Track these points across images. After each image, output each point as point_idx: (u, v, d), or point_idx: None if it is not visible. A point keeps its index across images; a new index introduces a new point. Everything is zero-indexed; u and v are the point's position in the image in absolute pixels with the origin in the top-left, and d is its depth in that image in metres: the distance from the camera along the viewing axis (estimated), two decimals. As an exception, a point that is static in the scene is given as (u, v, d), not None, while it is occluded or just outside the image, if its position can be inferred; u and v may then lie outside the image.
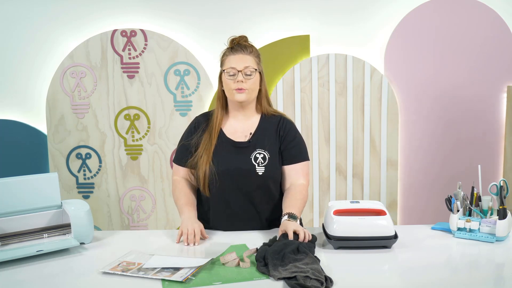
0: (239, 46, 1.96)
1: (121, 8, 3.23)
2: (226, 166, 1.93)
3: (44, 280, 1.54)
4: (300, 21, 3.23)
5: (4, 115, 3.31)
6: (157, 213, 3.35)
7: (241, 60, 1.93)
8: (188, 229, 1.82)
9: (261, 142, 1.97)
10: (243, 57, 1.94)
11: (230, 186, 1.94)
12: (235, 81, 1.92)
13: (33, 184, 1.84)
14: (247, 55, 1.94)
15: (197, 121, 2.06)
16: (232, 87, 1.93)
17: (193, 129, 2.03)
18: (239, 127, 2.00)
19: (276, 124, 2.02)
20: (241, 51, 1.94)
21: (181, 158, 2.03)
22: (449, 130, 3.30)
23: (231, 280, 1.49)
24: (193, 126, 2.04)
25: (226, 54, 1.98)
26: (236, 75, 1.92)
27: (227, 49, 1.99)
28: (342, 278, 1.48)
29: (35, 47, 3.26)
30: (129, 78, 3.25)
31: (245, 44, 1.97)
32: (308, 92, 3.24)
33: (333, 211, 1.78)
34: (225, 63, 1.97)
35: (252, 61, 1.95)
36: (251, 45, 1.99)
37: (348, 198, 3.32)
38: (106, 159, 3.31)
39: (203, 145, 1.97)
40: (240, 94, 1.93)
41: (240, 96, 1.93)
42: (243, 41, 1.98)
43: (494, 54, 3.22)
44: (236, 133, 1.99)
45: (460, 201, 1.84)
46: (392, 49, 3.23)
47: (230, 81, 1.93)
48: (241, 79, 1.91)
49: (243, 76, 1.92)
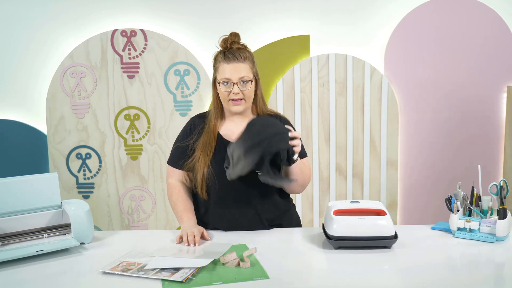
0: (231, 53, 1.89)
1: (121, 8, 3.23)
2: (223, 167, 1.89)
3: (44, 280, 1.54)
4: (300, 21, 3.23)
5: (4, 115, 3.31)
6: (157, 213, 3.35)
7: (236, 70, 1.87)
8: (188, 233, 1.81)
9: None
10: (237, 66, 1.87)
11: (228, 187, 1.91)
12: (230, 92, 1.88)
13: (33, 184, 1.84)
14: (241, 63, 1.88)
15: (192, 122, 2.03)
16: (227, 98, 1.90)
17: (189, 131, 2.00)
18: (236, 128, 1.94)
19: None
20: (234, 60, 1.87)
21: (177, 160, 2.01)
22: (449, 130, 3.30)
23: (231, 280, 1.49)
24: (189, 128, 2.01)
25: (219, 60, 1.91)
26: (231, 86, 1.88)
27: (219, 53, 1.93)
28: (342, 278, 1.48)
29: (35, 47, 3.26)
30: (129, 78, 3.25)
31: (238, 49, 1.90)
32: (308, 92, 3.24)
33: (333, 211, 1.77)
34: (219, 71, 1.91)
35: (247, 69, 1.89)
36: (244, 48, 1.92)
37: (348, 198, 3.32)
38: (106, 159, 3.31)
39: (200, 148, 1.94)
40: (236, 106, 1.90)
41: (237, 108, 1.91)
42: (235, 45, 1.91)
43: (494, 54, 3.22)
44: (233, 135, 1.94)
45: (460, 201, 1.84)
46: (392, 49, 3.23)
47: (225, 92, 1.89)
48: (237, 91, 1.88)
49: (239, 87, 1.88)
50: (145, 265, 1.58)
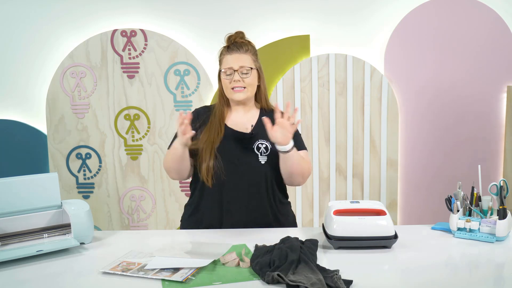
0: (235, 45, 1.99)
1: (121, 8, 3.23)
2: (229, 156, 1.95)
3: (44, 280, 1.54)
4: (300, 21, 3.23)
5: (4, 115, 3.31)
6: (157, 213, 3.35)
7: (237, 59, 1.96)
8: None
9: (263, 133, 1.97)
10: (239, 56, 1.97)
11: (233, 176, 1.94)
12: (232, 80, 1.96)
13: (33, 184, 1.84)
14: (243, 54, 1.98)
15: (197, 112, 2.08)
16: (229, 86, 1.97)
17: (192, 119, 2.01)
18: (240, 120, 2.03)
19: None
20: (237, 51, 1.98)
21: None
22: (449, 130, 3.30)
23: (231, 280, 1.49)
24: (193, 117, 2.02)
25: (223, 53, 2.01)
26: (233, 74, 1.96)
27: (224, 47, 2.02)
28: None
29: (35, 47, 3.26)
30: (129, 78, 3.25)
31: (241, 42, 2.00)
32: (308, 92, 3.24)
33: (333, 211, 1.77)
34: (222, 63, 2.01)
35: (248, 59, 1.98)
36: (247, 42, 2.02)
37: (348, 198, 3.32)
38: (106, 159, 3.31)
39: (205, 137, 1.97)
40: (237, 93, 1.98)
41: (238, 95, 1.98)
42: (239, 39, 2.00)
43: (494, 54, 3.22)
44: (237, 125, 2.02)
45: (460, 201, 1.84)
46: (392, 49, 3.23)
47: (227, 80, 1.98)
48: (237, 79, 1.96)
49: (239, 75, 1.96)
50: (145, 265, 1.58)
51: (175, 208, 3.32)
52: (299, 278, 1.43)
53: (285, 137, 1.84)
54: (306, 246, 1.64)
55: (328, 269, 1.50)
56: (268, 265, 1.52)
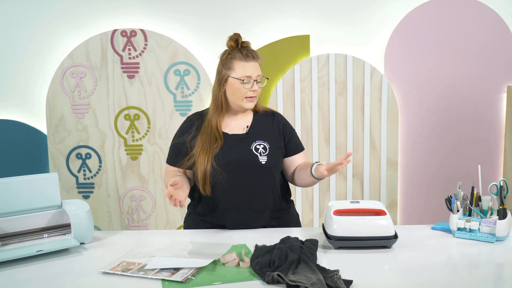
0: (249, 51, 1.94)
1: (121, 8, 3.23)
2: (228, 159, 1.93)
3: (44, 280, 1.54)
4: (300, 21, 3.23)
5: (4, 115, 3.31)
6: (157, 213, 3.35)
7: (255, 68, 1.94)
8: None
9: (259, 134, 1.98)
10: (255, 65, 1.94)
11: (234, 179, 1.92)
12: (250, 89, 1.92)
13: (33, 184, 1.84)
14: (257, 62, 1.95)
15: (189, 120, 2.05)
16: (244, 95, 1.93)
17: (186, 129, 2.02)
18: (235, 123, 2.01)
19: (270, 117, 2.05)
20: (252, 59, 1.93)
21: (175, 158, 2.02)
22: (449, 130, 3.30)
23: (231, 280, 1.49)
24: (186, 126, 2.03)
25: (237, 58, 1.93)
26: (250, 83, 1.92)
27: (235, 51, 1.94)
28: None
29: (35, 47, 3.26)
30: (129, 78, 3.25)
31: (252, 50, 1.96)
32: (308, 92, 3.24)
33: (333, 211, 1.78)
34: (235, 70, 1.93)
35: (259, 68, 1.96)
36: (255, 50, 1.99)
37: (348, 198, 3.32)
38: (106, 159, 3.31)
39: (200, 145, 1.95)
40: (251, 103, 1.95)
41: (250, 105, 1.96)
42: (246, 44, 1.96)
43: (494, 54, 3.22)
44: (232, 129, 2.00)
45: (460, 201, 1.84)
46: (392, 49, 3.24)
47: (244, 89, 1.92)
48: (256, 89, 1.93)
49: (256, 84, 1.94)
50: (145, 265, 1.58)
51: (175, 208, 3.32)
52: (299, 278, 1.43)
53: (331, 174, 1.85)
54: (306, 246, 1.64)
55: (328, 269, 1.50)
56: (268, 265, 1.52)
